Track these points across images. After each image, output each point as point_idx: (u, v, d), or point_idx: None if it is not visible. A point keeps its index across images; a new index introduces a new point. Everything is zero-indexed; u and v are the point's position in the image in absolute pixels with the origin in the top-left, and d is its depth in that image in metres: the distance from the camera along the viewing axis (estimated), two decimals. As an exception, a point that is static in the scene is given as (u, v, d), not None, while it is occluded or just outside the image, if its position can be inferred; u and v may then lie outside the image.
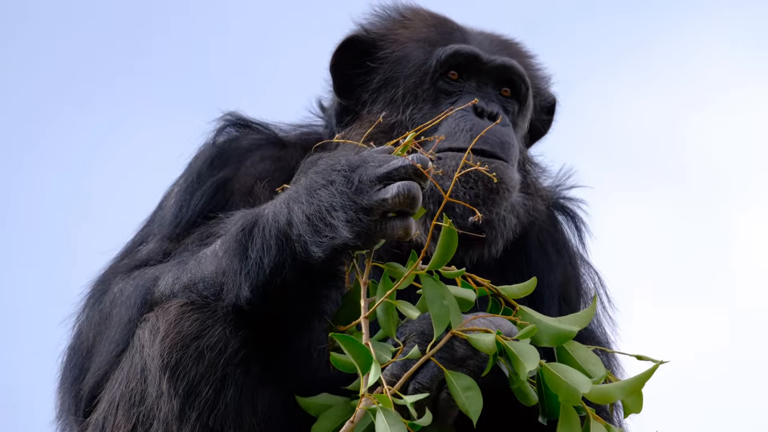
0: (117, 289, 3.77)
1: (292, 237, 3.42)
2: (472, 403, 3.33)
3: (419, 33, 4.06)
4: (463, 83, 4.01)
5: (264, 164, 3.99)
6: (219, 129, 4.08)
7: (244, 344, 3.53)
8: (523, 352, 3.34)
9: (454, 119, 3.89)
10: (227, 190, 3.94)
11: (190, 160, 4.04)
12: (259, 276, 3.46)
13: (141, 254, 3.89)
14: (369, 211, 3.35)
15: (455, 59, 3.99)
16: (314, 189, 3.42)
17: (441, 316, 3.37)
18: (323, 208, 3.39)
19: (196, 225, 3.85)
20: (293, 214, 3.43)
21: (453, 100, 3.98)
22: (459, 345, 3.40)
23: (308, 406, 3.47)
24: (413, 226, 3.38)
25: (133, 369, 3.57)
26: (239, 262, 3.49)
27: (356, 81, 4.04)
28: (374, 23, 4.12)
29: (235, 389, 3.51)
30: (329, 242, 3.38)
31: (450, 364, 3.39)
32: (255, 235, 3.48)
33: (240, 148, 4.02)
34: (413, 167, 3.35)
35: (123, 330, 3.66)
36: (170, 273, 3.66)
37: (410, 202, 3.34)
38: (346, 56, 4.05)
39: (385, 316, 3.41)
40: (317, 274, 3.45)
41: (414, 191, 3.34)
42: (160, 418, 3.52)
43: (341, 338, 3.35)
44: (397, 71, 4.01)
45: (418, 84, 3.99)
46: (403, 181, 3.35)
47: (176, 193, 3.97)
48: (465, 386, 3.35)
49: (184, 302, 3.56)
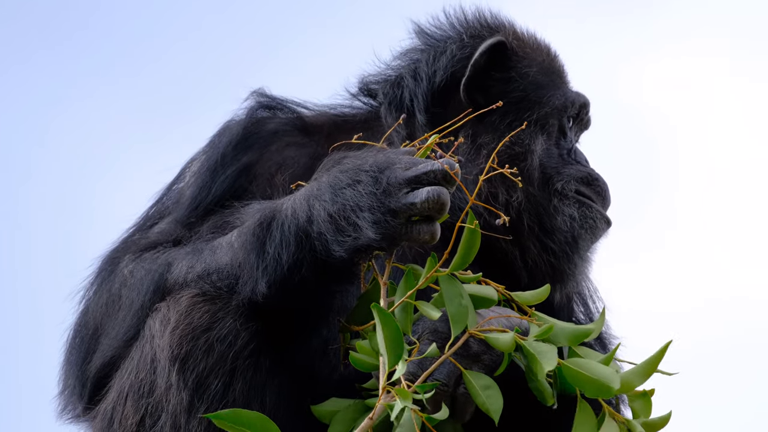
0: (127, 270, 3.73)
1: (312, 234, 3.40)
2: (492, 402, 3.32)
3: (545, 64, 3.99)
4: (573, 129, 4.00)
5: (288, 151, 3.93)
6: (247, 109, 4.00)
7: (254, 337, 3.51)
8: (541, 351, 3.32)
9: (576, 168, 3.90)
10: (250, 175, 3.88)
11: (213, 136, 3.97)
12: (276, 272, 3.43)
13: (153, 233, 3.85)
14: (396, 214, 3.33)
15: (584, 108, 4.00)
16: (339, 188, 3.39)
17: (459, 316, 3.34)
18: (348, 208, 3.36)
19: (214, 211, 3.81)
20: (314, 211, 3.40)
21: (569, 146, 3.96)
22: (473, 341, 3.38)
23: (321, 414, 3.45)
24: (438, 230, 3.35)
25: (143, 359, 3.56)
26: (256, 257, 3.47)
27: (496, 85, 3.94)
28: (513, 34, 4.02)
29: (244, 382, 3.50)
30: (352, 242, 3.36)
31: (464, 360, 3.37)
32: (273, 230, 3.45)
33: (266, 132, 3.95)
34: (443, 171, 3.32)
35: (134, 316, 3.64)
36: (184, 260, 3.63)
37: (439, 207, 3.32)
38: (496, 56, 3.94)
39: (403, 314, 3.37)
40: (335, 272, 3.43)
41: (444, 197, 3.31)
42: (168, 410, 3.51)
43: (382, 317, 3.28)
44: (537, 95, 3.93)
45: (550, 114, 3.93)
46: (432, 186, 3.32)
47: (197, 172, 3.91)
48: (484, 385, 3.34)
49: (195, 293, 3.54)
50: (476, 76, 3.91)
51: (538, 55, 4.01)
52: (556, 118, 3.95)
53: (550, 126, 3.94)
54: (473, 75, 3.91)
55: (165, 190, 3.99)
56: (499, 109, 3.81)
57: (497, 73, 3.94)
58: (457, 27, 4.01)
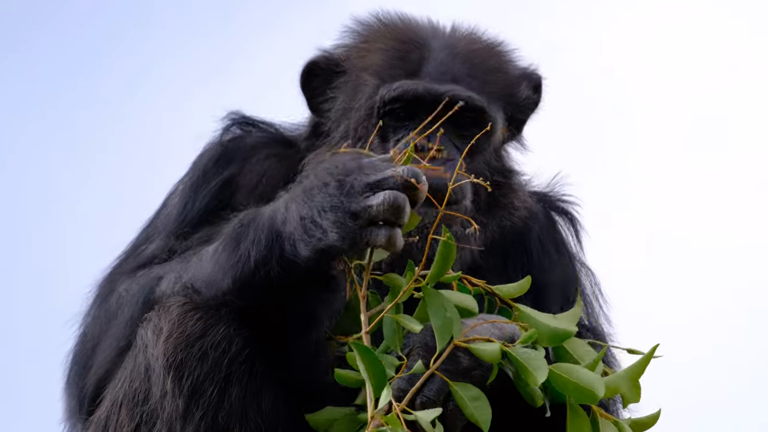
0: (123, 289, 3.79)
1: (284, 235, 3.46)
2: (481, 413, 3.35)
3: (374, 61, 4.00)
4: (412, 117, 3.92)
5: (269, 162, 4.02)
6: (224, 128, 4.10)
7: (248, 343, 3.55)
8: (530, 359, 3.36)
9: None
10: (232, 187, 3.97)
11: (195, 158, 4.07)
12: (243, 269, 3.49)
13: (147, 253, 3.91)
14: (356, 216, 3.37)
15: (399, 100, 3.93)
16: (310, 190, 3.45)
17: (444, 328, 3.38)
18: (315, 209, 3.42)
19: (201, 223, 3.88)
20: (289, 213, 3.47)
21: (399, 136, 3.92)
22: (463, 356, 3.42)
23: (317, 423, 3.48)
24: (398, 237, 3.37)
25: (136, 368, 3.59)
26: (228, 254, 3.54)
27: (325, 102, 4.03)
28: (339, 45, 4.09)
29: (240, 388, 3.54)
30: (317, 242, 3.41)
31: (455, 375, 3.41)
32: (249, 230, 3.52)
33: (245, 146, 4.05)
34: (402, 178, 3.36)
35: (125, 327, 3.69)
36: (173, 272, 3.69)
37: (395, 212, 3.35)
38: (314, 78, 4.04)
39: (390, 329, 3.43)
40: (306, 275, 3.47)
41: (399, 201, 3.35)
42: (163, 417, 3.54)
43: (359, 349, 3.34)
44: (351, 102, 3.98)
45: (366, 118, 3.95)
46: (391, 190, 3.37)
47: (181, 191, 4.00)
48: (472, 396, 3.37)
49: (185, 301, 3.59)
50: (311, 96, 4.04)
51: (367, 60, 4.01)
52: (375, 119, 3.94)
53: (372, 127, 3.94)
54: (309, 98, 4.04)
55: (153, 215, 4.05)
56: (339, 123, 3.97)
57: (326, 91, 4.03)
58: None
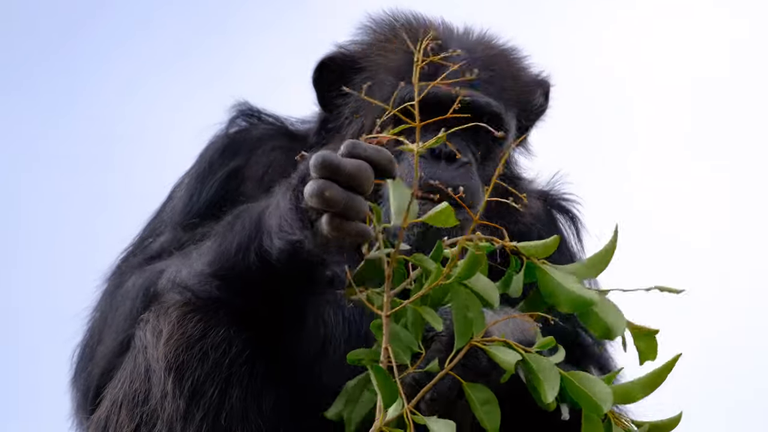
0: (130, 283, 3.79)
1: (265, 227, 3.44)
2: (490, 418, 3.29)
3: (391, 60, 3.96)
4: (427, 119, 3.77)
5: (275, 154, 3.99)
6: (230, 119, 4.08)
7: (249, 344, 3.56)
8: (545, 370, 3.29)
9: (409, 163, 3.78)
10: (238, 178, 3.95)
11: (201, 150, 4.05)
12: (223, 255, 3.53)
13: (154, 246, 3.91)
14: (305, 211, 3.32)
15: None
16: (292, 184, 3.41)
17: (464, 328, 3.30)
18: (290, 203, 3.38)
19: (208, 214, 3.86)
20: (274, 206, 3.45)
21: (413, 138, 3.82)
22: (483, 357, 3.35)
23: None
24: (342, 223, 3.22)
25: (136, 369, 3.61)
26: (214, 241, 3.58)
27: (337, 98, 3.98)
28: (356, 42, 4.05)
29: (240, 389, 3.54)
30: (286, 236, 3.37)
31: (474, 375, 3.35)
32: (238, 221, 3.54)
33: (251, 138, 4.03)
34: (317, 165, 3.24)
35: (124, 320, 3.71)
36: (173, 266, 3.70)
37: (323, 201, 3.22)
38: (329, 73, 4.00)
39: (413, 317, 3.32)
40: (286, 271, 3.44)
41: (323, 188, 3.21)
42: (164, 418, 3.55)
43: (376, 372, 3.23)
44: (366, 101, 3.83)
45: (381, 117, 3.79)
46: (313, 180, 3.25)
47: (187, 183, 3.99)
48: (483, 399, 3.30)
49: (184, 302, 3.60)
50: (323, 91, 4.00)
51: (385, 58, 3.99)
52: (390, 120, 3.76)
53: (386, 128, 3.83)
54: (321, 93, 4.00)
55: (159, 208, 4.04)
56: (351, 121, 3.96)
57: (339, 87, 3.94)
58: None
